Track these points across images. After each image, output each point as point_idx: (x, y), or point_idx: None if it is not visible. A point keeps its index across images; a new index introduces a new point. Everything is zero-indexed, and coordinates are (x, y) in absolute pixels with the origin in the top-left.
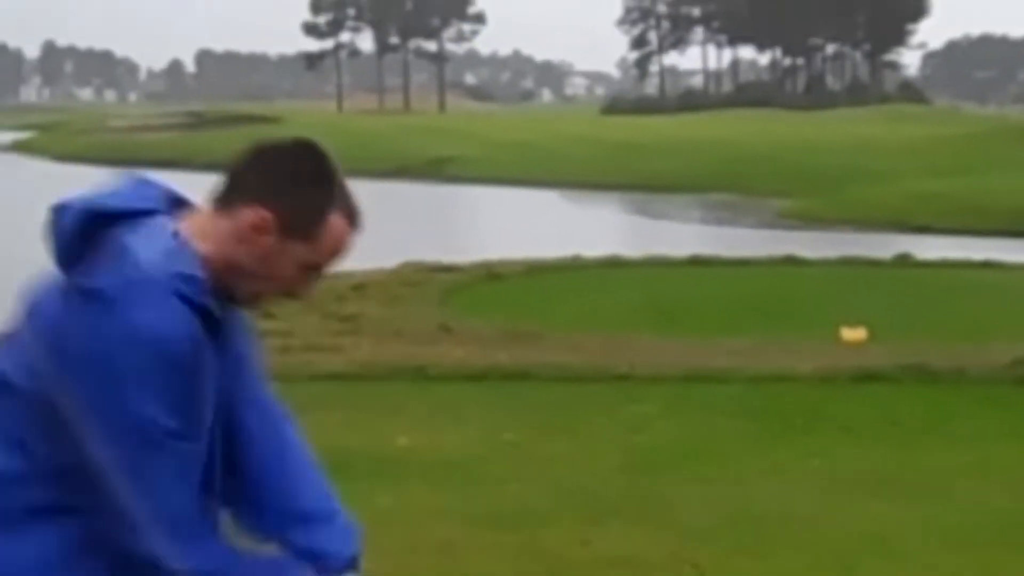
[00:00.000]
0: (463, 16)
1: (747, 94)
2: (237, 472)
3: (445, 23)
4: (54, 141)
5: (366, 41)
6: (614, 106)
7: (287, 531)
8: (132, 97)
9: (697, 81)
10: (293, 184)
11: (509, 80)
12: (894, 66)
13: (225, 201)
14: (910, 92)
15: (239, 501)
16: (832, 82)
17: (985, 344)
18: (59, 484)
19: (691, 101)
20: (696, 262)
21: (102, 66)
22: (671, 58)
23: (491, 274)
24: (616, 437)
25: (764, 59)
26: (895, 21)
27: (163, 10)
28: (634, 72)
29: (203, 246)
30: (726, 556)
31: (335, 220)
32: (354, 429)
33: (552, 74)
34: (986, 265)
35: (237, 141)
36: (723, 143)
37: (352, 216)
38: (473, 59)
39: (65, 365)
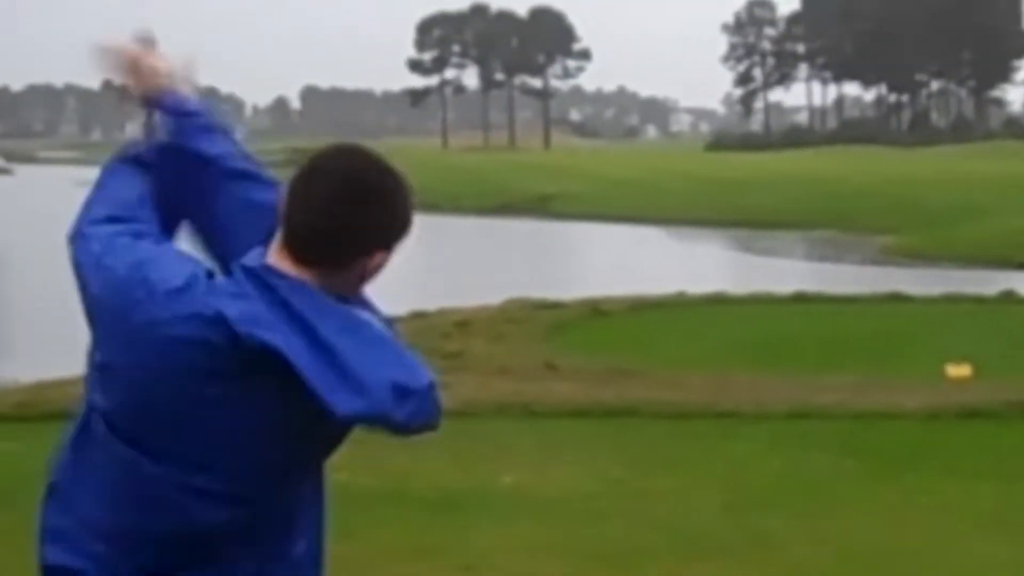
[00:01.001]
0: (568, 52)
1: (852, 131)
2: None
3: (550, 59)
4: None
5: (471, 78)
6: (719, 143)
7: None
8: (237, 134)
9: (802, 117)
10: (405, 221)
11: (614, 116)
12: (999, 103)
13: (338, 262)
14: (1015, 129)
15: None
16: (937, 119)
17: None
18: None
19: (796, 137)
20: (800, 299)
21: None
22: (776, 94)
23: (596, 311)
24: (720, 474)
25: (869, 96)
26: (1000, 57)
27: (269, 47)
28: (739, 108)
29: None
30: None
31: None
32: (460, 467)
33: (657, 110)
34: None
35: None
36: (828, 179)
37: None
38: (578, 95)
39: None
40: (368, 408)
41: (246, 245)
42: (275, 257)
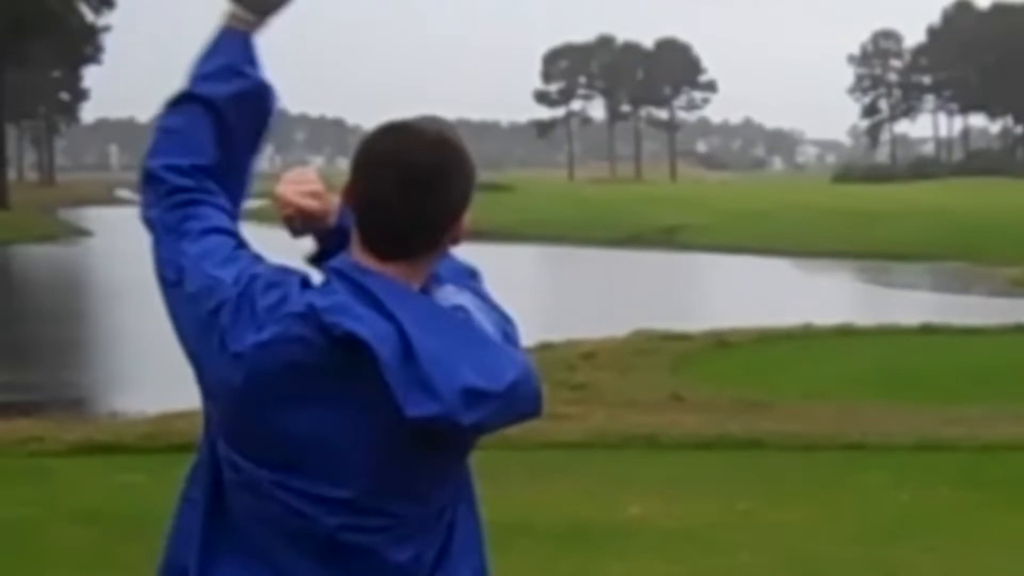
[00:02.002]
0: (694, 84)
1: (978, 162)
2: None
3: (676, 91)
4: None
5: (597, 109)
6: (845, 174)
7: None
8: None
9: (928, 149)
10: (471, 181)
11: (740, 148)
12: None
13: (419, 252)
14: None
15: None
16: None
17: None
18: None
19: (922, 169)
20: (927, 330)
21: (333, 134)
22: (902, 126)
23: (722, 342)
24: (848, 506)
25: (995, 127)
26: None
27: (393, 78)
28: (865, 140)
29: None
30: None
31: None
32: (586, 498)
33: (783, 142)
34: None
35: (474, 210)
36: (954, 211)
37: None
38: (704, 127)
39: None
40: (436, 412)
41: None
42: (359, 255)
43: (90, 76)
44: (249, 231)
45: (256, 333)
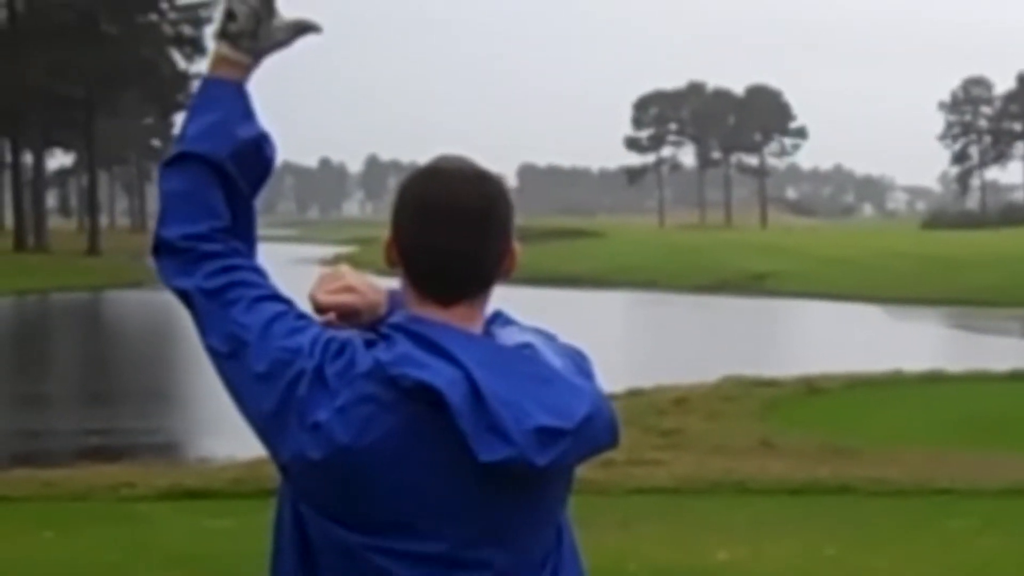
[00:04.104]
0: (784, 131)
1: None
2: None
3: (767, 138)
4: (376, 254)
5: (688, 156)
6: (935, 220)
7: None
8: None
9: (1019, 196)
10: (512, 210)
11: (830, 194)
12: None
13: (479, 290)
14: None
15: None
16: None
17: None
18: None
19: (1013, 216)
20: (1017, 377)
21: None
22: (992, 172)
23: (811, 388)
24: (937, 552)
25: None
26: None
27: (483, 126)
28: (955, 187)
29: None
30: None
31: None
32: (675, 543)
33: (873, 188)
34: None
35: (559, 256)
36: None
37: None
38: (794, 173)
39: None
40: (509, 455)
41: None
42: (416, 307)
43: (181, 123)
44: None
45: (331, 400)
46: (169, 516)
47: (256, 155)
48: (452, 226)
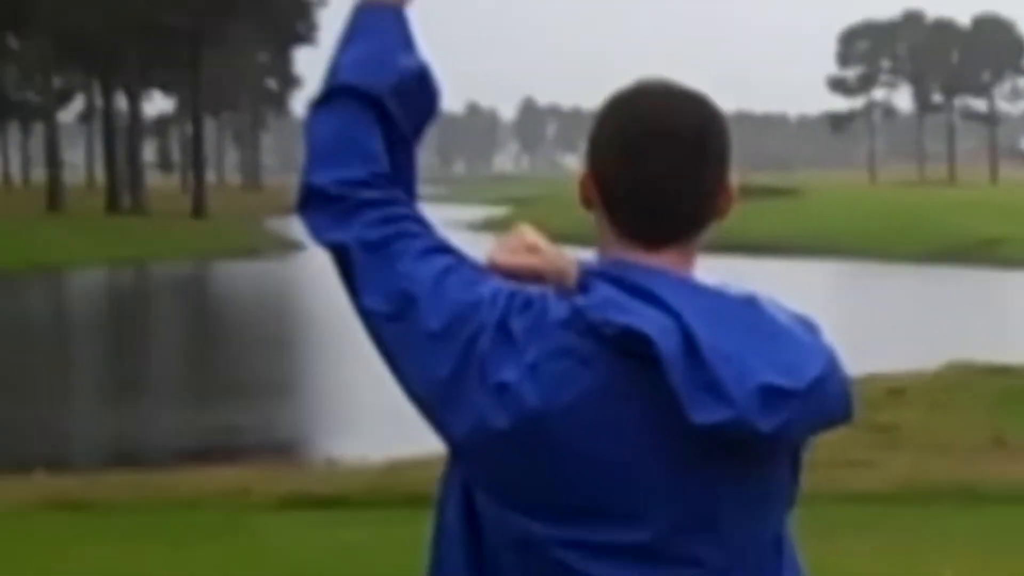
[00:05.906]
0: (1019, 70)
1: None
2: None
3: (997, 77)
4: (537, 217)
5: (903, 99)
6: None
7: None
8: None
9: None
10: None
11: None
12: None
13: (695, 230)
14: None
15: None
16: None
17: None
18: None
19: None
20: None
21: (589, 128)
22: None
23: None
24: None
25: None
26: None
27: (656, 64)
28: None
29: None
30: None
31: None
32: (890, 558)
33: None
34: None
35: (749, 218)
36: None
37: None
38: None
39: None
40: (729, 417)
41: None
42: (618, 251)
43: (302, 60)
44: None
45: (519, 356)
46: (291, 528)
47: (419, 91)
48: (664, 153)
